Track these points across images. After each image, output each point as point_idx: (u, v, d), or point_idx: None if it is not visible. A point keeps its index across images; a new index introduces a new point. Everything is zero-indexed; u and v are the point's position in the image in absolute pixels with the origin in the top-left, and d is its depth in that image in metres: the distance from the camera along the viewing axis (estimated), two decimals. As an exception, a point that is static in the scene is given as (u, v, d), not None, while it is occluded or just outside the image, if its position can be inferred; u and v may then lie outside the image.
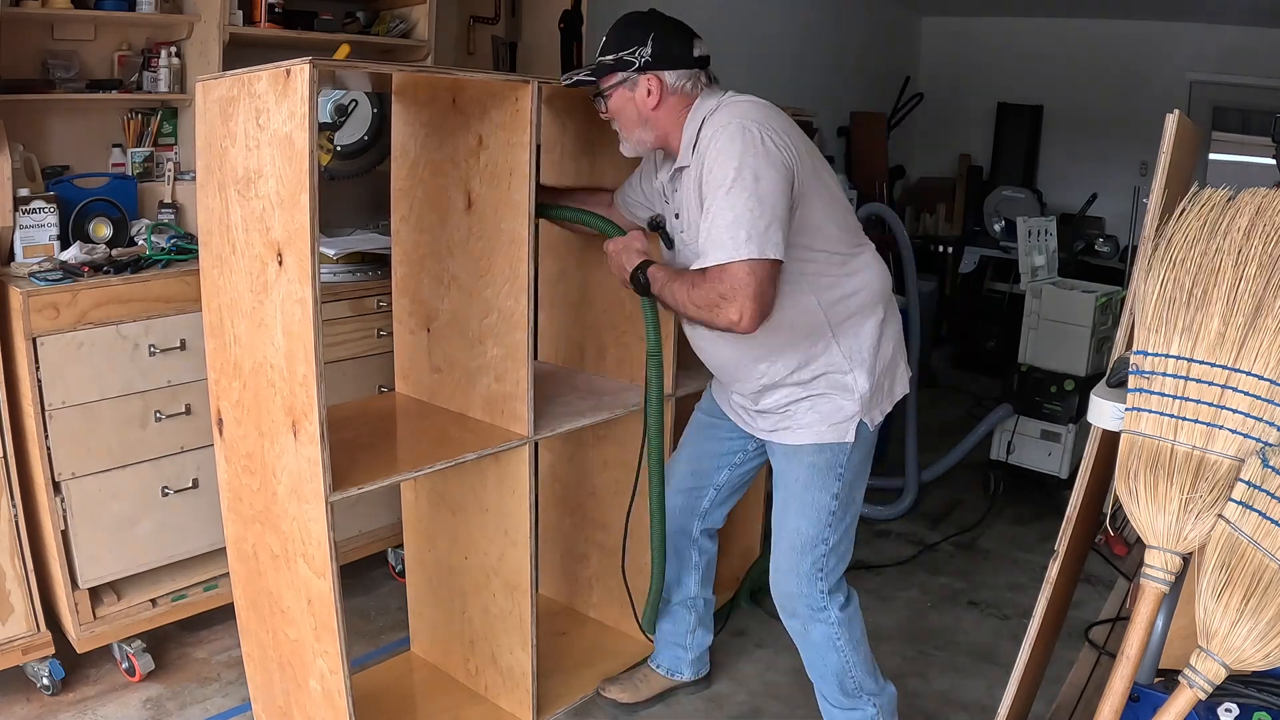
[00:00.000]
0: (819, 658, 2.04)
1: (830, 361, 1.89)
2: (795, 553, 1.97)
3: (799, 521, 1.96)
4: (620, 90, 1.87)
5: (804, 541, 1.95)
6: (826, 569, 1.96)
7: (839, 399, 1.90)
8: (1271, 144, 4.50)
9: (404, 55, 3.10)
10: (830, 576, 1.97)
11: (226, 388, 1.91)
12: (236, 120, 1.72)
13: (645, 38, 1.83)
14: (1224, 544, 1.16)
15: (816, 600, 1.98)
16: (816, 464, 1.93)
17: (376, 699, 2.29)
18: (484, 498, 2.18)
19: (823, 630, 2.00)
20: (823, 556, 1.95)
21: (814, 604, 1.98)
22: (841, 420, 1.91)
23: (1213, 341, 1.20)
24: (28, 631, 2.24)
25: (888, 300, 1.97)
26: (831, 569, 1.97)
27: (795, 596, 1.99)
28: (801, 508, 1.95)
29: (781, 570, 1.99)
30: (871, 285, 1.92)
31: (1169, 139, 1.36)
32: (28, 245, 2.34)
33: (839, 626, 1.99)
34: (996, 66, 6.46)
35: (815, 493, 1.94)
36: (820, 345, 1.88)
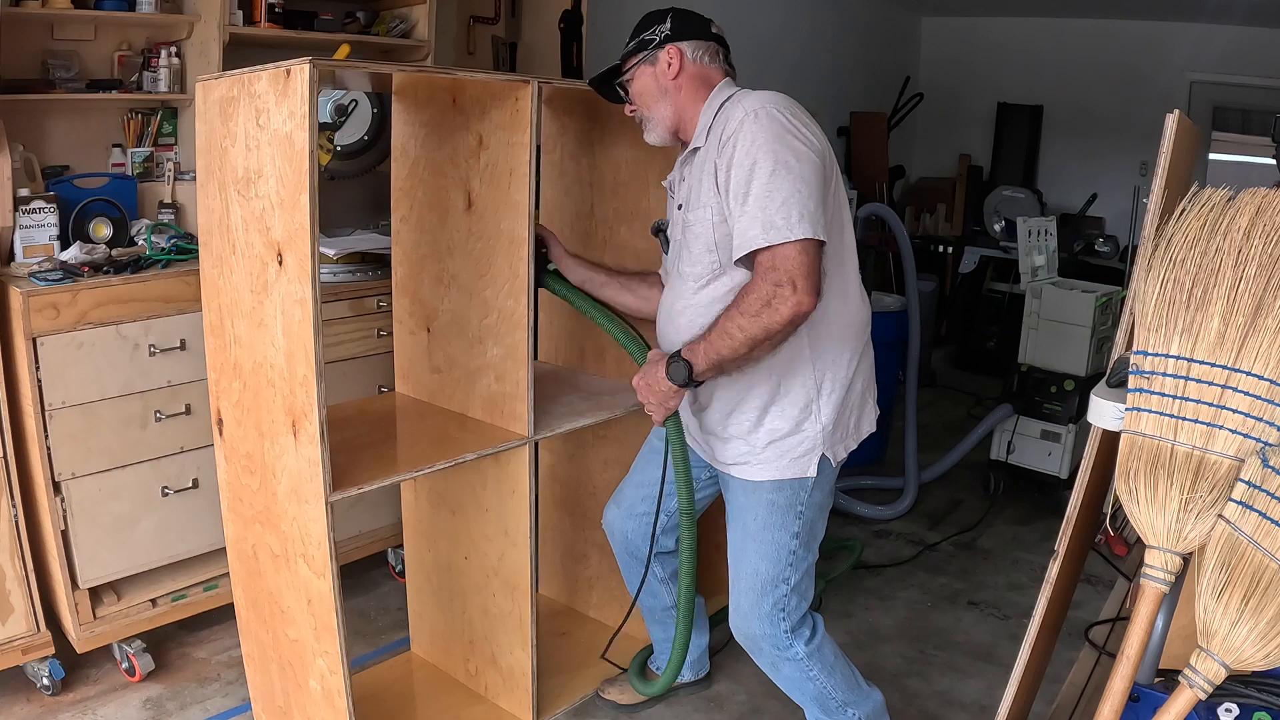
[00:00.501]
0: (795, 689, 1.98)
1: (803, 385, 1.80)
2: (755, 594, 1.88)
3: (758, 562, 1.87)
4: (641, 68, 1.86)
5: (764, 582, 1.87)
6: (788, 608, 1.88)
7: (805, 429, 1.81)
8: (1271, 144, 4.49)
9: (404, 55, 3.10)
10: (792, 615, 1.89)
11: (226, 388, 1.91)
12: (237, 120, 1.72)
13: (664, 17, 1.87)
14: (1224, 544, 1.16)
15: (781, 640, 1.90)
16: (776, 501, 1.85)
17: (376, 699, 2.29)
18: (484, 498, 2.18)
19: (791, 667, 1.93)
20: (784, 597, 1.87)
21: (779, 644, 1.90)
22: (803, 454, 1.82)
23: (1213, 341, 1.20)
24: (28, 631, 2.24)
25: (867, 337, 1.91)
26: (794, 608, 1.89)
27: (759, 638, 1.91)
28: (761, 547, 1.86)
29: (742, 611, 1.91)
30: (858, 316, 1.85)
31: (1169, 139, 1.36)
32: (28, 245, 2.34)
33: (808, 660, 1.92)
34: (996, 66, 6.46)
35: (775, 532, 1.85)
36: (796, 366, 1.79)
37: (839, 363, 1.83)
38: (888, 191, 6.11)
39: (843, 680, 1.98)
